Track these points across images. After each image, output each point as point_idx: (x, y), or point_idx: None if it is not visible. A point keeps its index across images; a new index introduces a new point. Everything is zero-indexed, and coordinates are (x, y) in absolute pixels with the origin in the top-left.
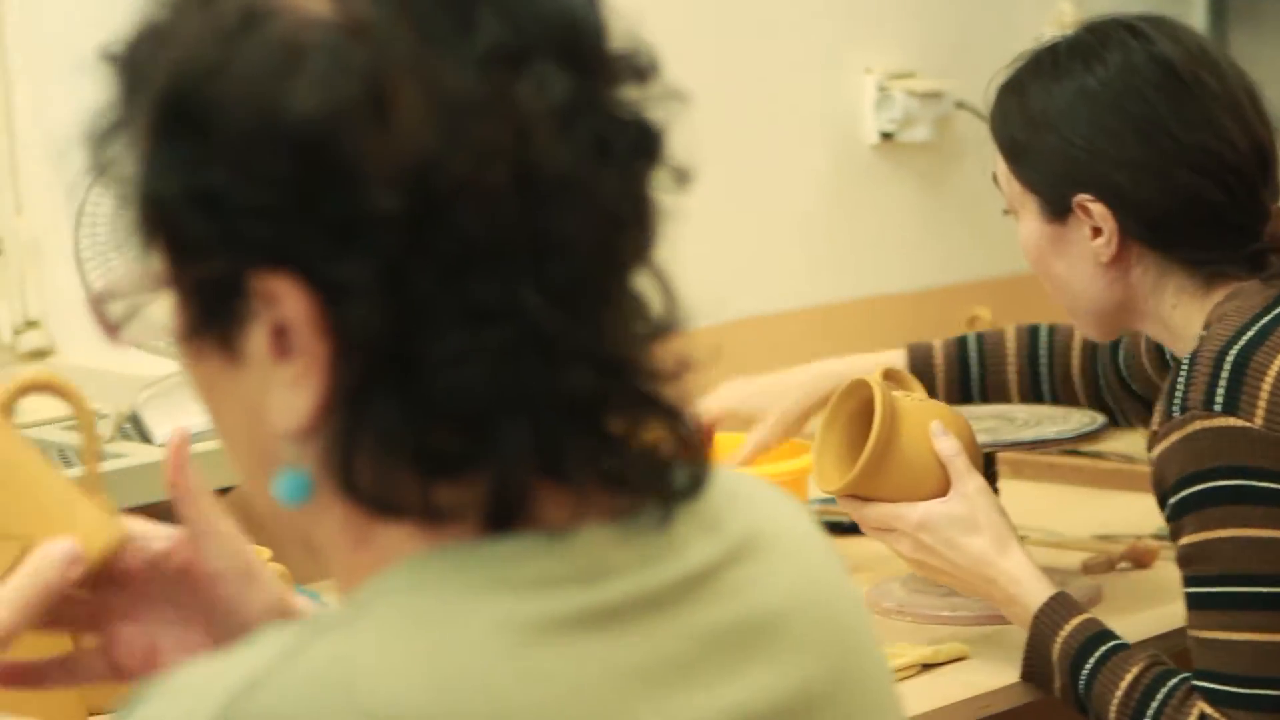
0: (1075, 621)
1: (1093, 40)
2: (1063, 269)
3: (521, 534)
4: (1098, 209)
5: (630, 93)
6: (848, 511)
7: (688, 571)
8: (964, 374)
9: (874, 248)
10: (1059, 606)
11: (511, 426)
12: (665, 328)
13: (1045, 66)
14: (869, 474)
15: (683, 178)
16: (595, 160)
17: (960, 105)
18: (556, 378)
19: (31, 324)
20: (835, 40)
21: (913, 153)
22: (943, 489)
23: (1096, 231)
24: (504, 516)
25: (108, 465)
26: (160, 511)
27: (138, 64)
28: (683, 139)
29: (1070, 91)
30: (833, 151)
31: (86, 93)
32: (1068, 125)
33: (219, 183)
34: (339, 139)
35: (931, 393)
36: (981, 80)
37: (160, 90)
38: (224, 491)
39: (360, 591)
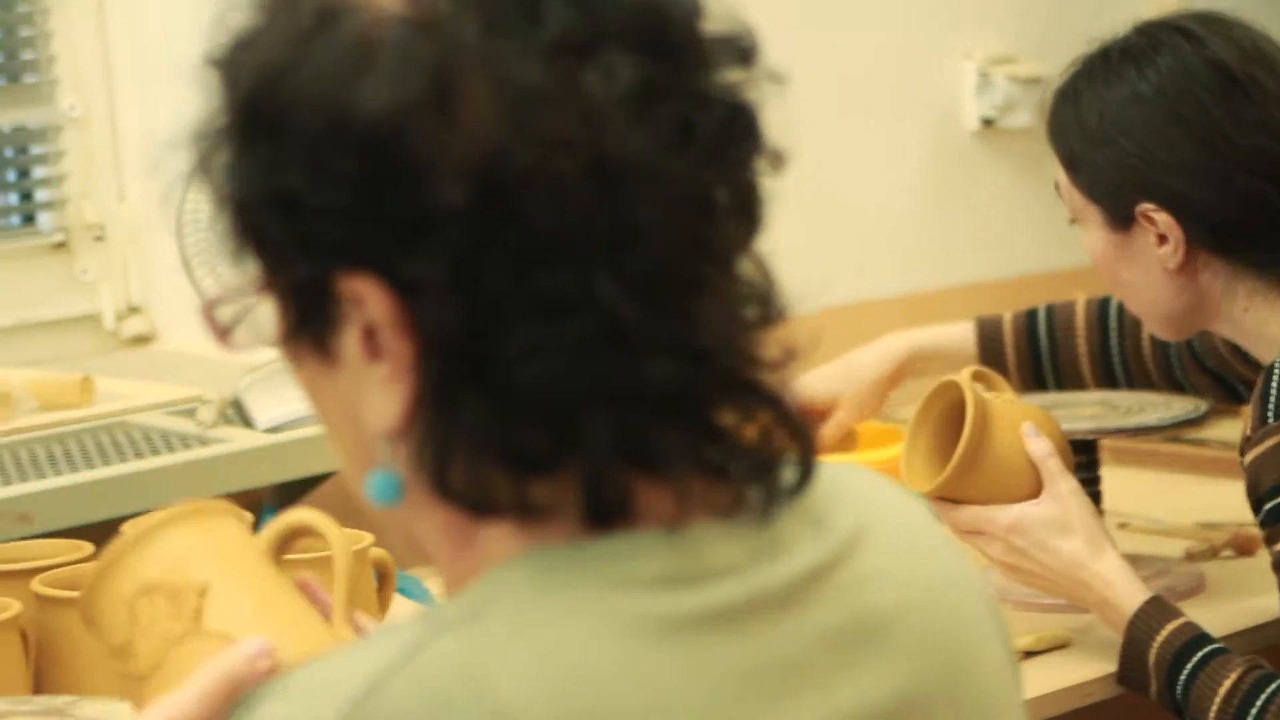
0: (1172, 626)
1: (1144, 44)
2: (1131, 276)
3: (631, 531)
4: (1161, 217)
5: (726, 76)
6: (938, 513)
7: (798, 571)
8: (1033, 346)
9: (974, 234)
10: (1155, 610)
11: (593, 420)
12: (768, 316)
13: (1098, 73)
14: (960, 476)
15: (779, 161)
16: (676, 146)
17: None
18: (637, 369)
19: (134, 310)
20: (935, 26)
21: (1013, 138)
22: (1034, 491)
23: (1162, 239)
24: (601, 512)
25: (210, 451)
26: (260, 496)
27: (228, 69)
28: (782, 125)
29: (1123, 98)
30: (933, 138)
31: (186, 86)
32: (1123, 133)
33: (295, 185)
34: (406, 135)
35: (1001, 364)
36: None
37: (243, 94)
38: (326, 478)
39: (476, 588)
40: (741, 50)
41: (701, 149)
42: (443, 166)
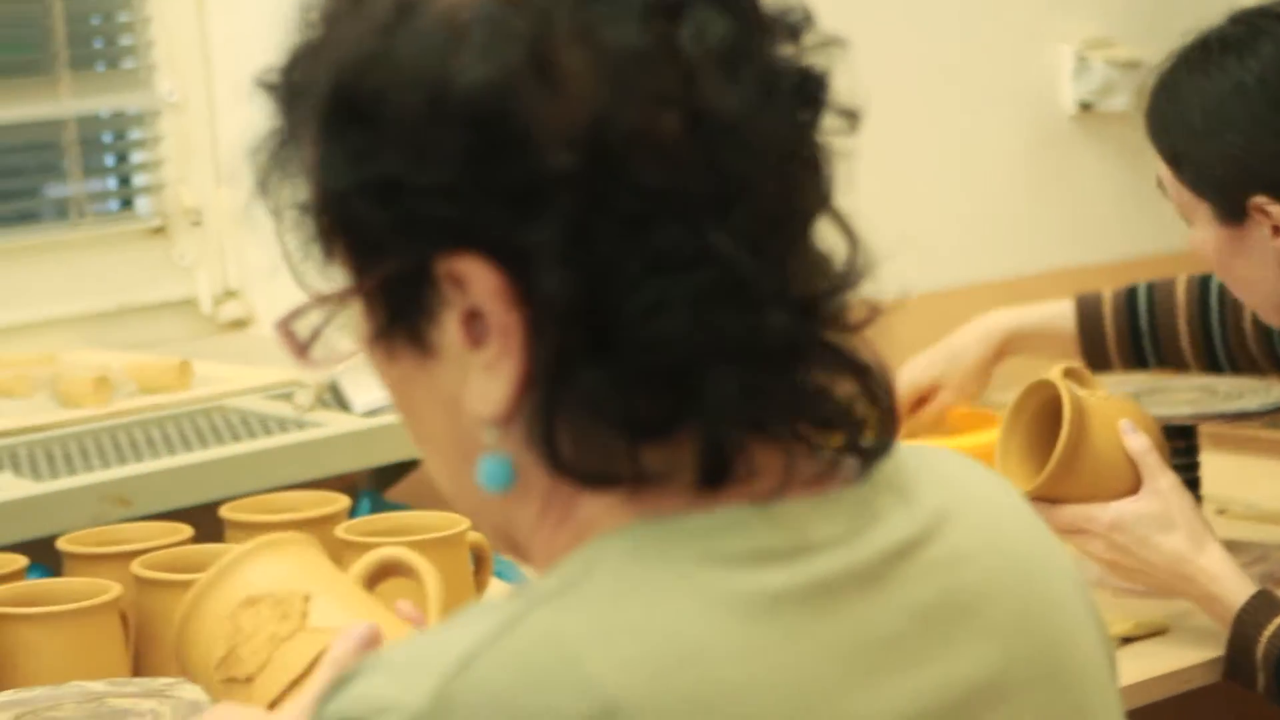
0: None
1: (1242, 32)
2: (1246, 269)
3: (726, 505)
4: (1276, 209)
5: (787, 47)
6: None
7: (890, 545)
8: (1133, 324)
9: (1072, 219)
10: (1262, 604)
11: (715, 376)
12: (852, 277)
13: (1196, 65)
14: (1059, 475)
15: (853, 122)
16: (762, 104)
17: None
18: (755, 322)
19: (231, 294)
20: (1033, 9)
21: (1111, 122)
22: (1133, 487)
23: (1277, 230)
24: (716, 474)
25: (307, 434)
26: (356, 480)
27: (296, 80)
28: (879, 110)
29: (1225, 90)
30: (1030, 122)
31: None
32: (1228, 126)
33: (394, 169)
34: (509, 106)
35: (1100, 341)
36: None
37: (324, 92)
38: (413, 465)
39: (571, 562)
40: (794, 25)
41: (780, 110)
42: (549, 133)
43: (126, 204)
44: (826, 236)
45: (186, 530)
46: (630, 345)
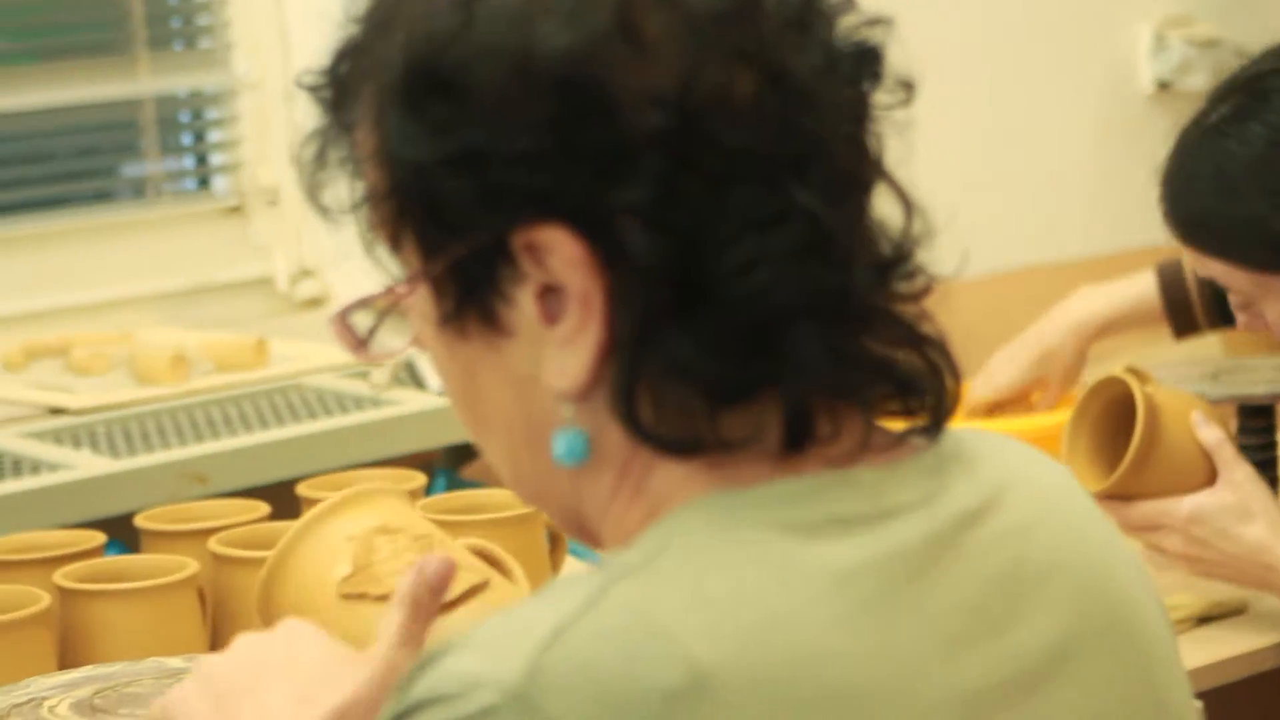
0: None
1: (1251, 99)
2: None
3: (802, 473)
4: None
5: (847, 19)
6: (1109, 513)
7: (961, 513)
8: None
9: (1149, 198)
10: None
11: (800, 337)
12: (913, 246)
13: (1213, 135)
14: (1133, 473)
15: (908, 93)
16: (829, 70)
17: (1240, 53)
18: (841, 280)
19: (307, 273)
20: None
21: (1190, 101)
22: (1207, 480)
23: None
24: (798, 438)
25: (383, 413)
26: (432, 459)
27: (349, 70)
28: (952, 84)
29: (1258, 149)
30: (1107, 101)
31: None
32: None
33: (479, 139)
34: (596, 71)
35: (1187, 306)
36: (1261, 25)
37: (398, 70)
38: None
39: (651, 534)
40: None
41: (843, 77)
42: (636, 95)
43: (203, 183)
44: (884, 207)
45: (263, 508)
46: (719, 306)
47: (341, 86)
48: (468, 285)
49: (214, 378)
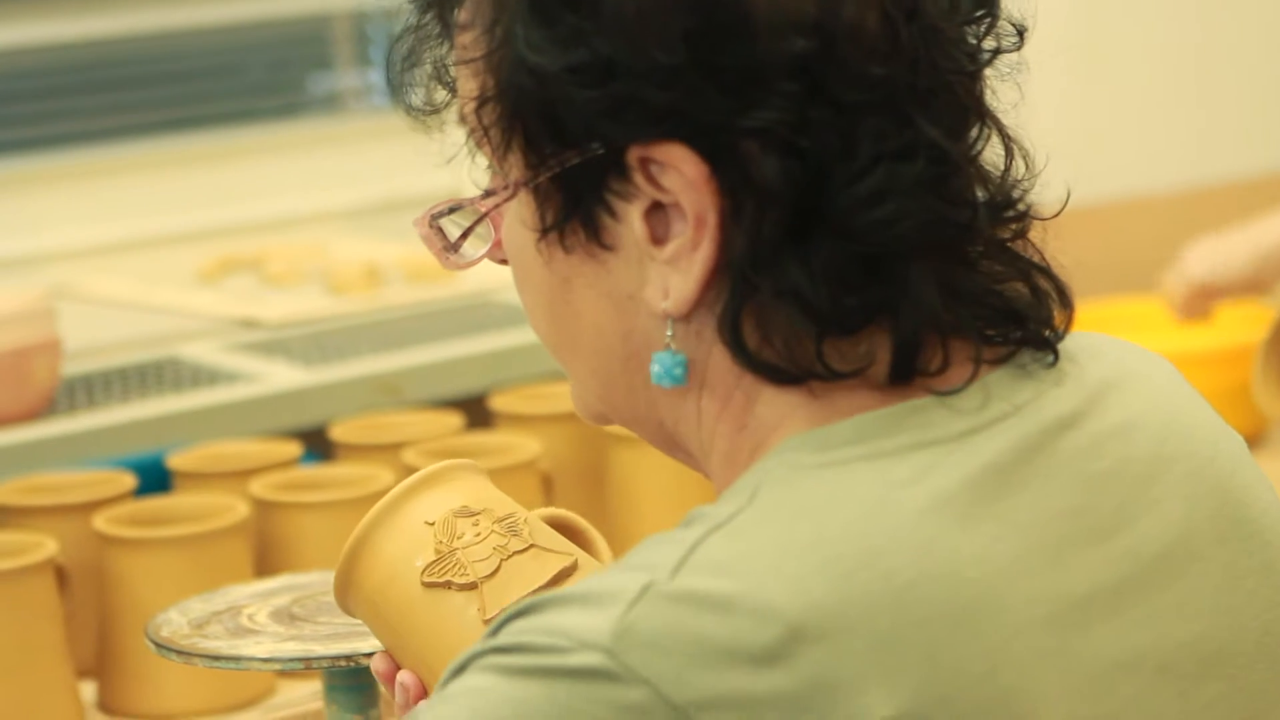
0: None
1: None
2: None
3: (905, 398)
4: None
5: None
6: None
7: (1057, 417)
8: None
9: None
10: None
11: (916, 269)
12: (1026, 182)
13: None
14: None
15: (1022, 37)
16: (953, 9)
17: None
18: (962, 214)
19: None
20: None
21: None
22: None
23: None
24: (905, 371)
25: None
26: None
27: None
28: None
29: None
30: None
31: None
32: None
33: (611, 51)
34: None
35: None
36: None
37: None
38: None
39: (742, 483)
40: None
41: (964, 14)
42: (779, 18)
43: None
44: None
45: (456, 420)
46: (839, 235)
47: None
48: (575, 196)
49: (406, 290)
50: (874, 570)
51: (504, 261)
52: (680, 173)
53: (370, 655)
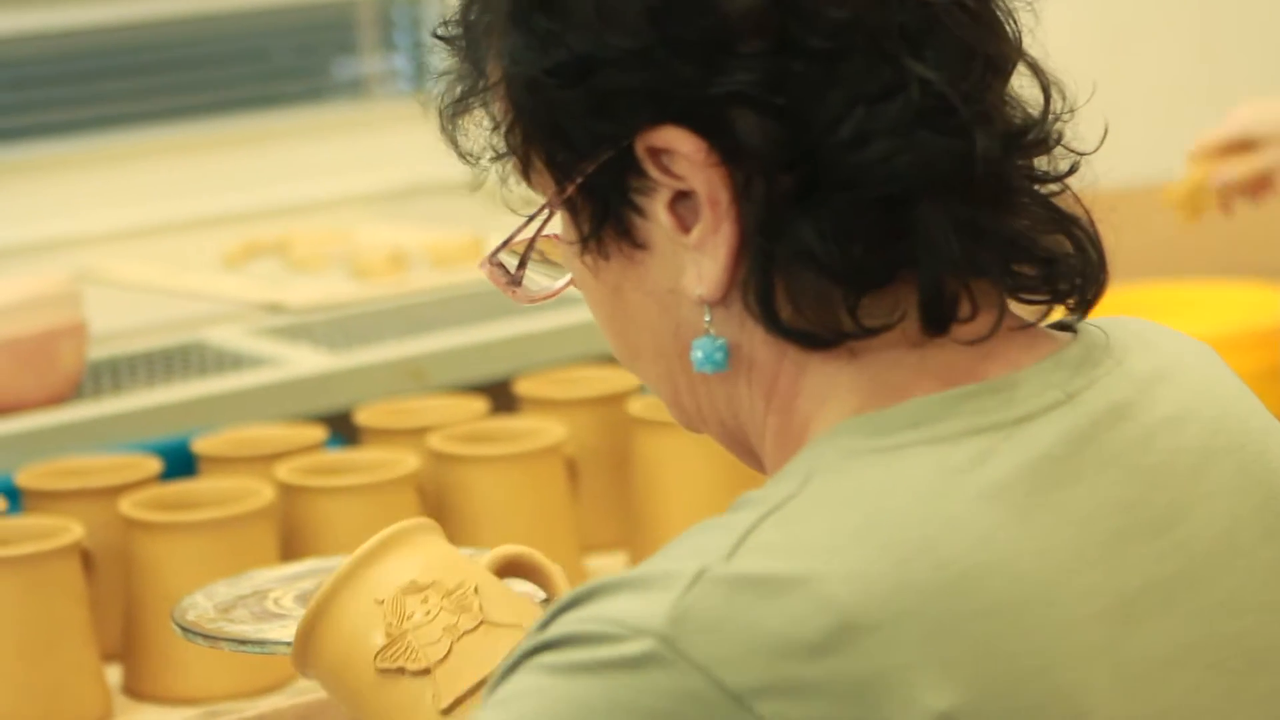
0: None
1: None
2: None
3: (948, 386)
4: None
5: None
6: None
7: (1110, 408)
8: None
9: None
10: None
11: (928, 211)
12: (1051, 123)
13: None
14: None
15: None
16: None
17: None
18: (961, 146)
19: None
20: None
21: None
22: None
23: None
24: (937, 319)
25: None
26: None
27: (475, 7)
28: None
29: None
30: None
31: None
32: None
33: (582, 45)
34: None
35: None
36: None
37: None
38: None
39: (794, 466)
40: None
41: None
42: None
43: (419, 83)
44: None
45: (481, 405)
46: (840, 186)
47: (470, 29)
48: (602, 202)
49: (431, 275)
50: (930, 559)
51: None
52: (684, 155)
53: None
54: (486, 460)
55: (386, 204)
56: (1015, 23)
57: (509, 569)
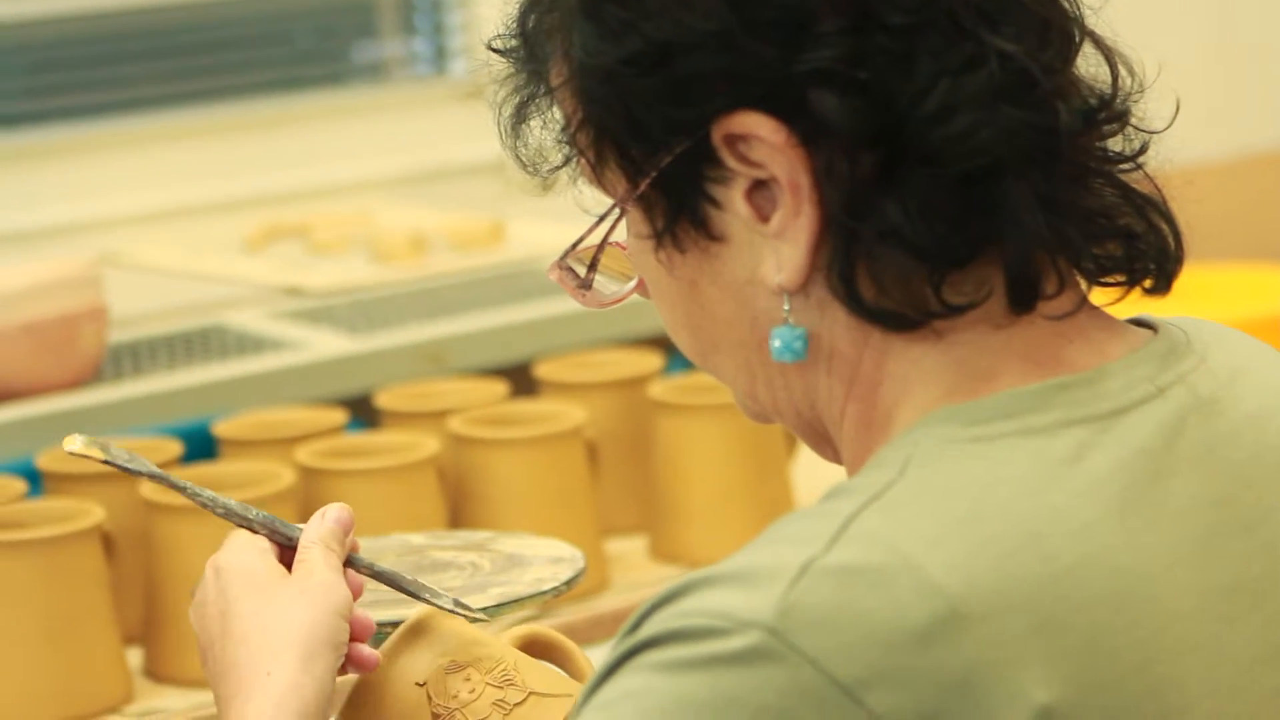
0: None
1: None
2: None
3: (1035, 369)
4: None
5: None
6: None
7: (1198, 403)
8: None
9: None
10: None
11: (1012, 187)
12: (1119, 96)
13: None
14: None
15: None
16: None
17: None
18: (1046, 120)
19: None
20: None
21: None
22: None
23: None
24: (1022, 296)
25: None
26: (670, 340)
27: (545, 5)
28: None
29: None
30: None
31: None
32: None
33: (658, 33)
34: None
35: None
36: None
37: None
38: None
39: (885, 459)
40: None
41: None
42: None
43: (441, 66)
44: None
45: (501, 388)
46: (924, 163)
47: (530, 37)
48: (677, 195)
49: (451, 258)
50: (1035, 552)
51: (648, 295)
52: (763, 141)
53: (396, 624)
54: (507, 443)
55: (407, 187)
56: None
57: (531, 648)
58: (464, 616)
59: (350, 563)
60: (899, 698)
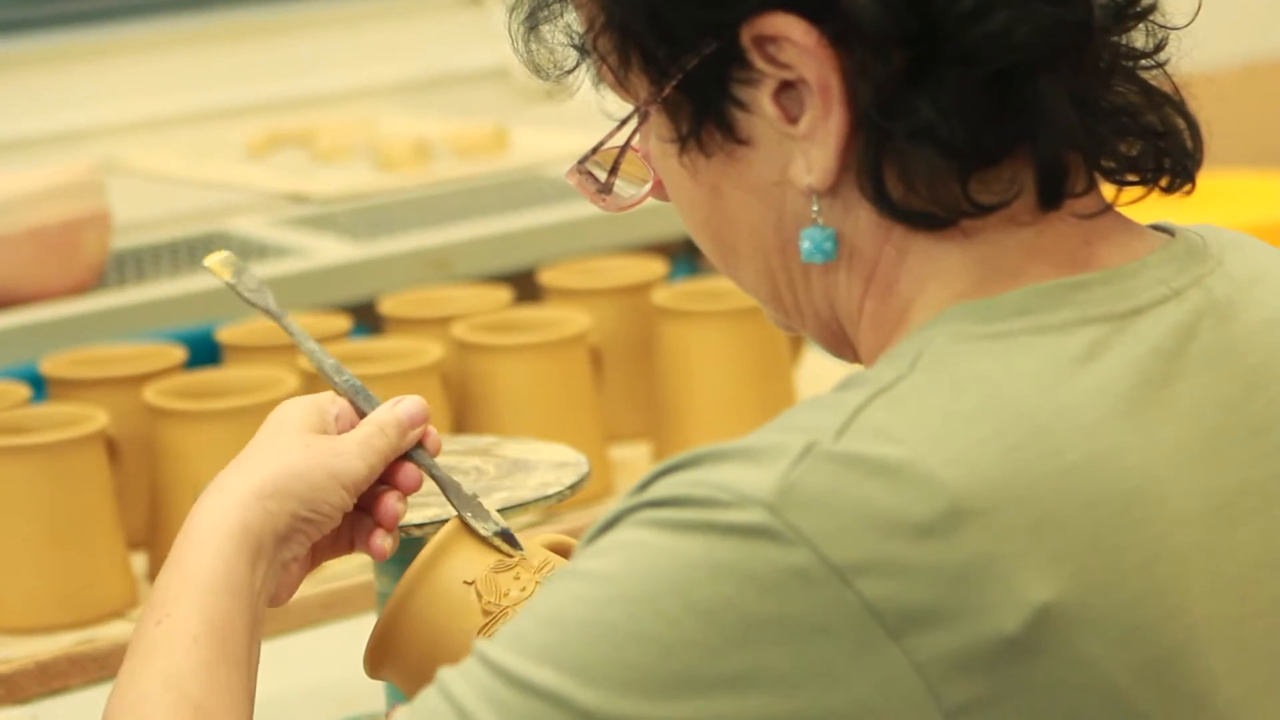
0: None
1: None
2: None
3: (1059, 269)
4: None
5: None
6: None
7: (1214, 306)
8: None
9: None
10: None
11: (1044, 84)
12: (1148, 2)
13: None
14: None
15: None
16: None
17: None
18: (1078, 16)
19: None
20: None
21: None
22: None
23: None
24: (1052, 193)
25: None
26: (671, 248)
27: None
28: None
29: None
30: None
31: None
32: None
33: None
34: None
35: None
36: None
37: None
38: None
39: (898, 352)
40: None
41: None
42: None
43: None
44: None
45: (505, 294)
46: (958, 61)
47: None
48: (703, 97)
49: (455, 165)
50: (1041, 447)
51: (667, 198)
52: (793, 42)
53: (422, 526)
54: (511, 350)
55: (410, 94)
56: None
57: (557, 554)
58: (501, 551)
59: (411, 456)
60: (891, 587)
